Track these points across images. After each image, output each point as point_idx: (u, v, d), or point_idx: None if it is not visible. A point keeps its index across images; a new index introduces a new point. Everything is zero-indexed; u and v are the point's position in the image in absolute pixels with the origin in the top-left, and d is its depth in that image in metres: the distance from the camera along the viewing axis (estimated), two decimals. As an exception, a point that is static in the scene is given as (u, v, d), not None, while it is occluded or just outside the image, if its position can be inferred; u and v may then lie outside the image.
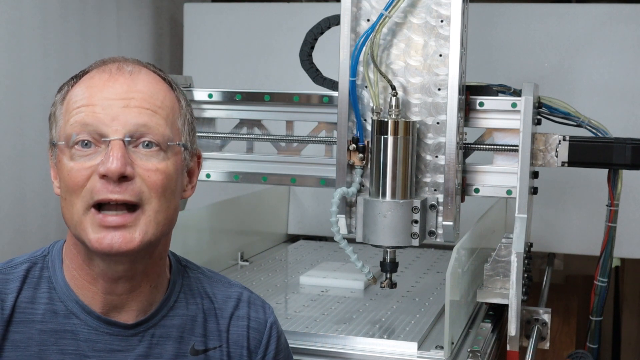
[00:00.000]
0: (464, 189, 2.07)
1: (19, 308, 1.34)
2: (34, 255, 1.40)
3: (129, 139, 1.29)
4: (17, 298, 1.34)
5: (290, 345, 1.56)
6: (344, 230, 2.02)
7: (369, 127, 1.98)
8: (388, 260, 1.99)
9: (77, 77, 1.37)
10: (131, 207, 1.28)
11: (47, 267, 1.38)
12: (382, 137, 1.91)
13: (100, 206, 1.28)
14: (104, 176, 1.26)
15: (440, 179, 1.98)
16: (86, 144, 1.28)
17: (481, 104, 2.06)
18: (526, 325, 2.08)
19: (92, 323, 1.34)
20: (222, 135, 2.34)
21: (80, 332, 1.34)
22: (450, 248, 1.80)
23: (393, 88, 1.92)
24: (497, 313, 2.09)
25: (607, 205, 2.16)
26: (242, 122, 2.34)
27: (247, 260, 2.63)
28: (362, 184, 2.00)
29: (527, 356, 2.00)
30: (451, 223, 1.97)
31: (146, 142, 1.30)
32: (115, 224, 1.27)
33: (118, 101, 1.30)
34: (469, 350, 1.81)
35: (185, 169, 1.40)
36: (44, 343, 1.33)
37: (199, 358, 1.41)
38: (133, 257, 1.32)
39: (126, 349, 1.35)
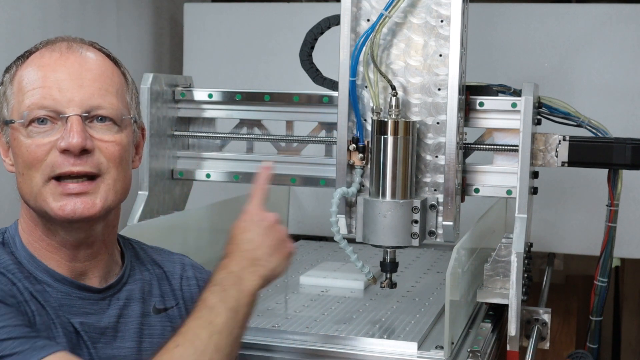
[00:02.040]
0: (464, 189, 2.07)
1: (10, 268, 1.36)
2: None
3: (86, 114, 1.35)
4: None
5: (290, 345, 1.56)
6: (344, 230, 2.02)
7: (369, 127, 1.98)
8: (388, 260, 1.99)
9: (23, 57, 1.42)
10: (91, 177, 1.35)
11: (8, 243, 1.42)
12: (382, 137, 1.91)
13: (59, 178, 1.33)
14: (64, 151, 1.32)
15: (440, 179, 1.98)
16: (42, 121, 1.34)
17: (481, 104, 2.06)
18: (526, 325, 2.08)
19: (63, 289, 1.38)
20: (222, 135, 2.34)
21: (54, 299, 1.37)
22: (450, 248, 1.80)
23: (393, 88, 1.92)
24: (497, 313, 2.09)
25: (607, 205, 2.16)
26: (242, 122, 2.34)
27: (247, 260, 2.62)
28: (362, 184, 2.00)
29: (527, 356, 2.00)
30: (451, 223, 1.97)
31: (100, 117, 1.37)
32: (77, 191, 1.33)
33: (72, 82, 1.35)
34: (469, 350, 1.80)
35: (134, 141, 1.47)
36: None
37: (161, 316, 1.50)
38: (93, 223, 1.38)
39: (98, 312, 1.41)
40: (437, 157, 1.98)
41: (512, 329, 1.91)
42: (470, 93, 2.05)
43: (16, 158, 1.38)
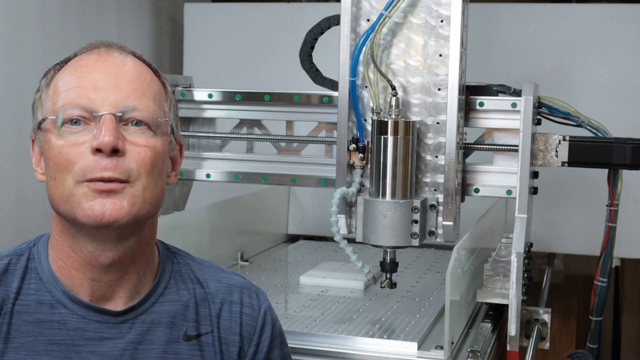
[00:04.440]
0: (464, 189, 2.07)
1: (7, 300, 1.34)
2: (19, 248, 1.41)
3: (120, 114, 1.31)
4: (1, 290, 1.35)
5: (290, 345, 1.56)
6: (344, 230, 2.02)
7: (369, 127, 1.98)
8: (388, 260, 1.99)
9: (62, 62, 1.39)
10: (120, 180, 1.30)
11: (33, 258, 1.38)
12: (382, 137, 1.91)
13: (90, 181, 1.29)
14: (96, 151, 1.28)
15: (440, 179, 1.98)
16: (75, 122, 1.30)
17: (481, 104, 2.06)
18: (526, 325, 2.08)
19: (79, 311, 1.34)
20: (222, 135, 2.34)
21: (68, 321, 1.33)
22: (450, 248, 1.80)
23: (393, 88, 1.92)
24: (497, 313, 2.09)
25: (607, 205, 2.16)
26: (242, 122, 2.34)
27: (247, 260, 2.63)
28: (362, 184, 2.00)
29: (527, 356, 2.00)
30: (451, 223, 1.97)
31: (135, 121, 1.32)
32: (108, 189, 1.28)
33: (108, 82, 1.32)
34: (469, 350, 1.81)
35: (170, 153, 1.41)
36: (30, 334, 1.33)
37: (191, 343, 1.40)
38: (121, 232, 1.32)
39: (117, 337, 1.35)
40: (437, 157, 1.98)
41: (512, 329, 1.91)
42: (470, 93, 2.05)
43: (47, 162, 1.32)
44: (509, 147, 2.06)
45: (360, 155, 1.97)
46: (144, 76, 1.37)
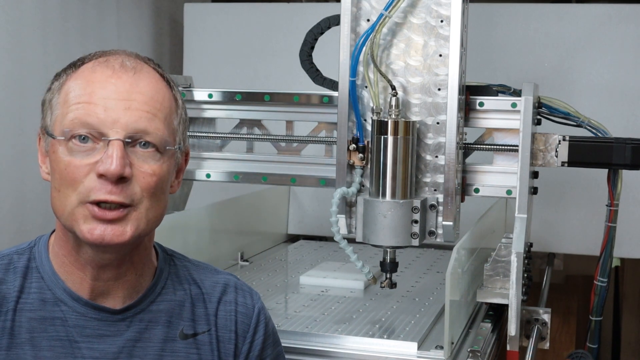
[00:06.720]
0: (464, 189, 2.07)
1: (8, 297, 1.36)
2: (20, 248, 1.43)
3: (129, 140, 1.30)
4: (4, 288, 1.37)
5: (290, 345, 1.56)
6: (344, 230, 2.02)
7: (369, 127, 1.98)
8: (388, 260, 1.99)
9: (75, 66, 1.37)
10: (124, 204, 1.31)
11: (34, 257, 1.40)
12: (382, 137, 1.91)
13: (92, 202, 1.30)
14: (102, 175, 1.28)
15: (440, 179, 1.98)
16: (84, 139, 1.30)
17: (481, 104, 2.06)
18: (526, 325, 2.08)
19: (80, 309, 1.36)
20: (222, 135, 2.34)
21: (68, 318, 1.36)
22: (450, 248, 1.80)
23: (393, 88, 1.92)
24: (497, 313, 2.09)
25: (607, 205, 2.16)
26: (242, 122, 2.34)
27: (247, 260, 2.63)
28: (362, 184, 2.00)
29: (527, 356, 2.00)
30: (451, 223, 1.97)
31: (143, 142, 1.32)
32: (110, 218, 1.29)
33: (120, 102, 1.30)
34: (469, 350, 1.81)
35: (176, 168, 1.42)
36: (34, 330, 1.35)
37: (188, 342, 1.42)
38: (122, 248, 1.34)
39: (115, 334, 1.37)
40: (437, 157, 1.98)
41: (512, 329, 1.91)
42: (470, 93, 2.05)
43: (53, 172, 1.33)
44: (509, 147, 2.06)
45: (360, 155, 1.97)
46: (156, 96, 1.35)
